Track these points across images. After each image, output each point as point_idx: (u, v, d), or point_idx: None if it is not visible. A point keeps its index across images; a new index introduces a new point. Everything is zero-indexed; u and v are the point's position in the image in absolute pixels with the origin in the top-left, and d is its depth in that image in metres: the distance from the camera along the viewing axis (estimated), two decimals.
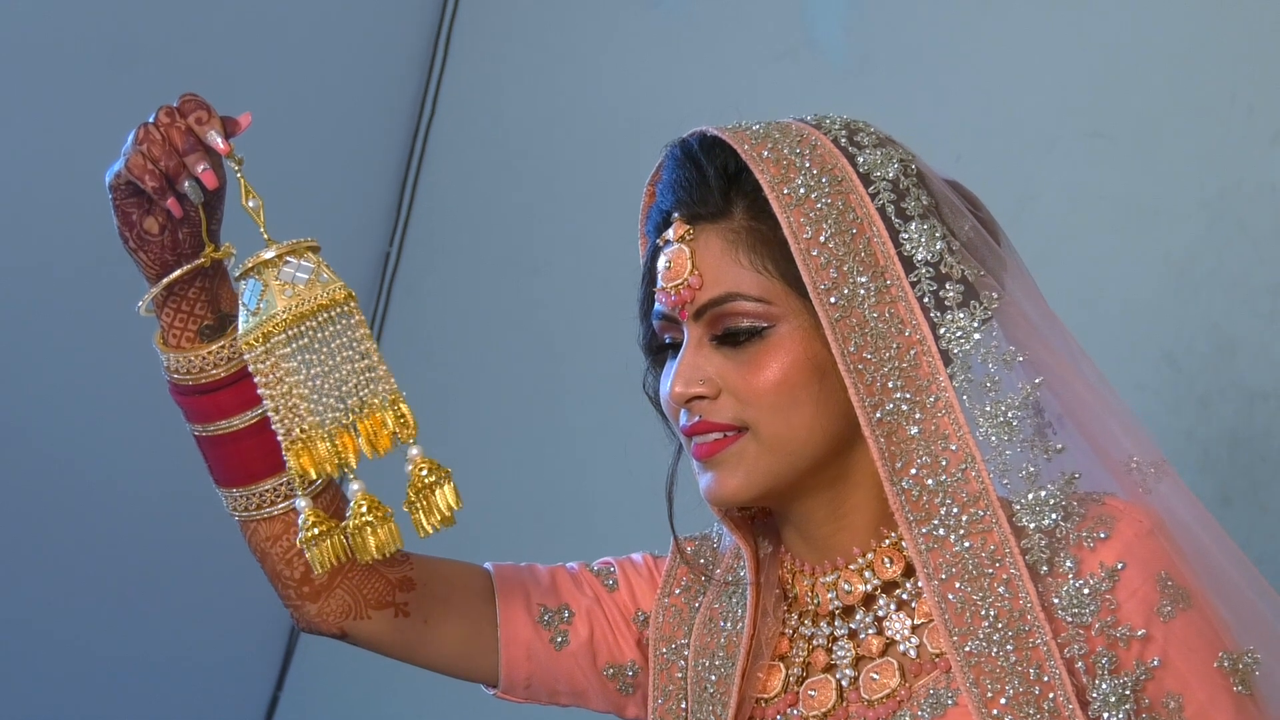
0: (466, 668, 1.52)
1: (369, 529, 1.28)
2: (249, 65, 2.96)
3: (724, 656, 1.44)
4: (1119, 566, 1.29)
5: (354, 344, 1.28)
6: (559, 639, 1.51)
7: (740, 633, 1.43)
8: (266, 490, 1.44)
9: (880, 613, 1.38)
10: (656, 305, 1.39)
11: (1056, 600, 1.29)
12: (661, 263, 1.38)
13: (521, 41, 3.30)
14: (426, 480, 1.29)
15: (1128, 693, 1.28)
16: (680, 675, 1.48)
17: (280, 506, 1.44)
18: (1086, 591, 1.29)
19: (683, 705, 1.47)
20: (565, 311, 3.15)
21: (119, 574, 3.17)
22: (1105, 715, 1.28)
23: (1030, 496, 1.30)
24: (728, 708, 1.41)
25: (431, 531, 1.29)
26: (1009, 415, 1.31)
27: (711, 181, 1.36)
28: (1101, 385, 1.38)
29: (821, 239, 1.32)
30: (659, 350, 1.43)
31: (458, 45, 3.37)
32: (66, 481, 3.06)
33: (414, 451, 1.29)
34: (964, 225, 1.37)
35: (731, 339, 1.35)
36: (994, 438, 1.31)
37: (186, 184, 1.32)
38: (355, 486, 1.29)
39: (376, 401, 1.28)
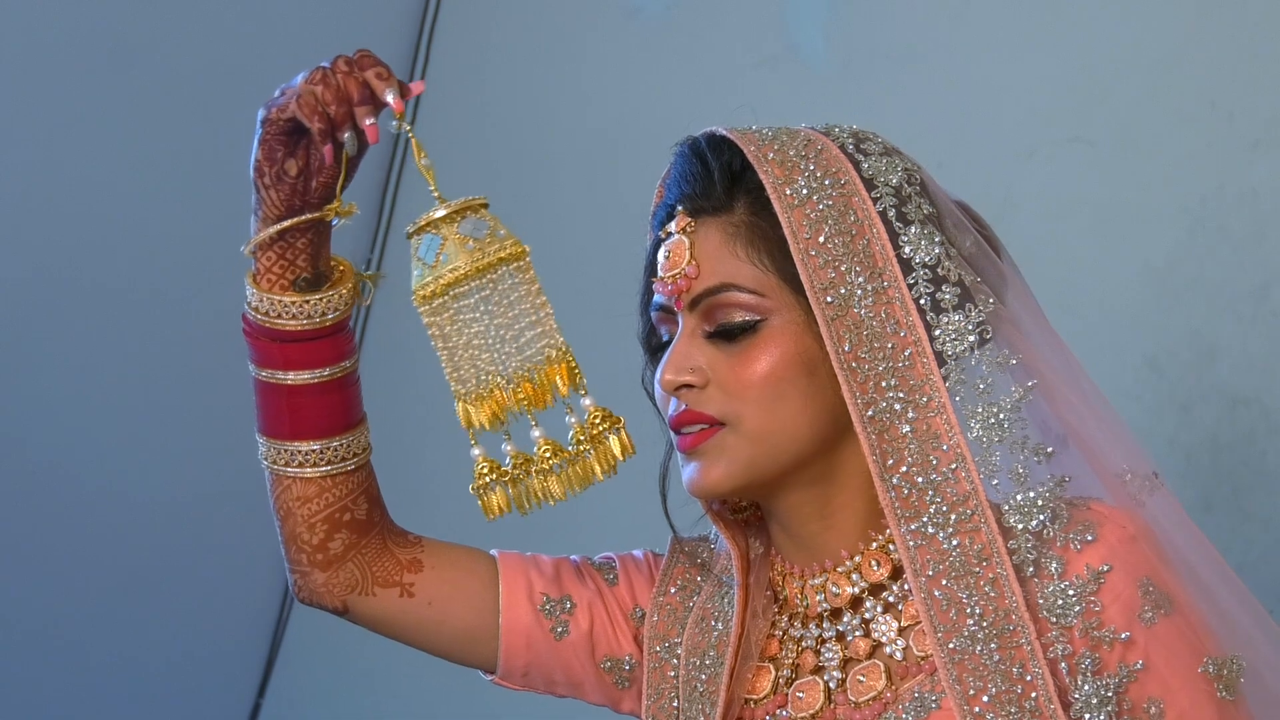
0: (466, 652, 1.53)
1: (556, 472, 1.34)
2: (229, 73, 2.95)
3: (714, 656, 1.45)
4: (1104, 569, 1.30)
5: (531, 297, 1.33)
6: (559, 629, 1.52)
7: (730, 633, 1.44)
8: (312, 451, 1.44)
9: (867, 615, 1.38)
10: (655, 297, 1.41)
11: (1041, 601, 1.30)
12: (661, 254, 1.40)
13: (501, 49, 3.29)
14: (600, 428, 1.34)
15: (1110, 694, 1.29)
16: (673, 674, 1.49)
17: (320, 469, 1.45)
18: (1072, 593, 1.30)
19: (674, 704, 1.48)
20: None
21: (104, 579, 3.16)
22: (1087, 716, 1.29)
23: (1019, 498, 1.31)
24: (716, 707, 1.42)
25: (599, 479, 1.35)
26: (1001, 417, 1.32)
27: (715, 176, 1.38)
28: (1097, 398, 1.39)
29: (821, 239, 1.34)
30: (658, 348, 1.44)
31: (437, 54, 3.37)
32: (57, 487, 3.06)
33: (587, 401, 1.34)
34: (966, 239, 1.39)
35: (725, 334, 1.36)
36: (985, 439, 1.32)
37: (346, 134, 1.33)
38: (536, 433, 1.34)
39: (552, 354, 1.32)
